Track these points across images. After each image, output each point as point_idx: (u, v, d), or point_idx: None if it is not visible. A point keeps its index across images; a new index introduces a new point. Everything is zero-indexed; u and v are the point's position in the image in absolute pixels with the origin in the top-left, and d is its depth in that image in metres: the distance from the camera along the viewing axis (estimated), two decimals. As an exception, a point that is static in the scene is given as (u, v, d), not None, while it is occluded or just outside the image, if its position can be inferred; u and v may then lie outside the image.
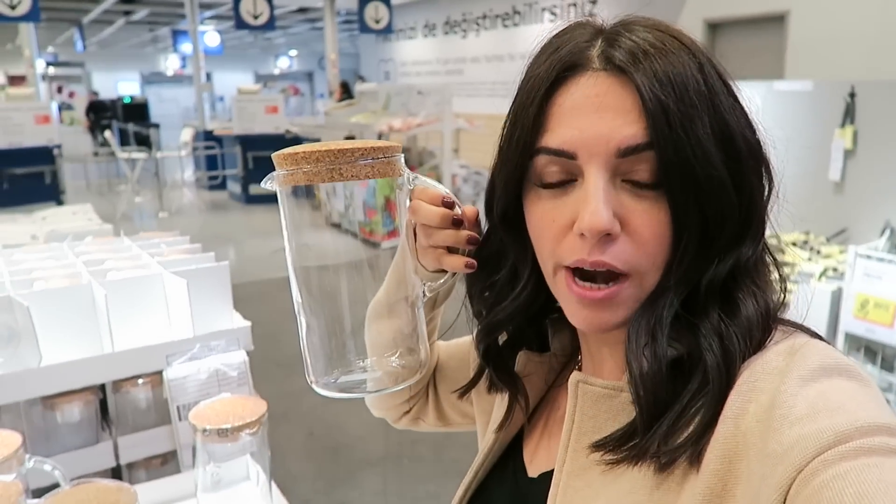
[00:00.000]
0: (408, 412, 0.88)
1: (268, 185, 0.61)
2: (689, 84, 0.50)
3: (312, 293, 0.65)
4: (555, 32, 0.57)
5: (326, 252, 0.66)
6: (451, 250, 0.66)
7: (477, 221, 0.66)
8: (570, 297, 0.55)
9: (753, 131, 0.54)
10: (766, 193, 0.55)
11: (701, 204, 0.51)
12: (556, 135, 0.52)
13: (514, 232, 0.61)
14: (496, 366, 0.69)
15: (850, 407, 0.43)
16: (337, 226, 7.34)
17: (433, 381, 0.87)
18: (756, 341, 0.51)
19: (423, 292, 0.69)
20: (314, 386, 0.64)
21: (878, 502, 0.36)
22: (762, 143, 0.54)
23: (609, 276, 0.53)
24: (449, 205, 0.64)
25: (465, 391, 0.73)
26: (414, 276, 0.68)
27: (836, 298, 2.95)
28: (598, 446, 0.55)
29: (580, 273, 0.54)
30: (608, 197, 0.51)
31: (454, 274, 0.69)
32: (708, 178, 0.50)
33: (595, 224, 0.50)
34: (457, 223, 0.64)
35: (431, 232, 0.65)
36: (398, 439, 2.84)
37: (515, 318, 0.66)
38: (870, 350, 2.85)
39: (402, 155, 0.62)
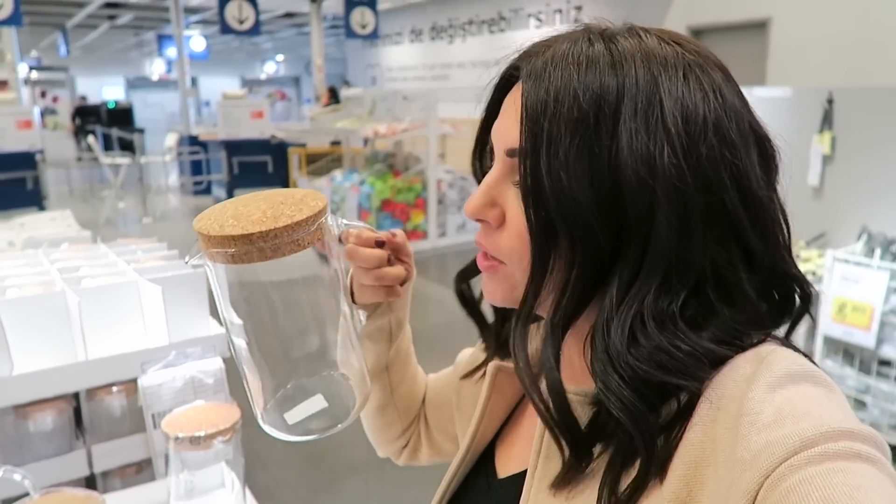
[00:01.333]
0: (406, 446, 0.90)
1: (194, 260, 0.61)
2: (573, 116, 0.50)
3: (261, 316, 0.65)
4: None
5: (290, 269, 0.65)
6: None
7: (404, 244, 0.75)
8: None
9: (672, 169, 0.49)
10: (701, 235, 0.50)
11: (558, 226, 0.51)
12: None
13: None
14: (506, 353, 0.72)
15: (815, 413, 0.44)
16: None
17: (424, 414, 0.89)
18: (707, 363, 0.49)
19: (361, 321, 0.76)
20: (262, 424, 0.65)
21: None
22: (709, 181, 0.49)
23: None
24: (381, 244, 0.71)
25: (472, 373, 0.77)
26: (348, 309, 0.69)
27: (815, 302, 2.98)
28: (554, 486, 0.56)
29: None
30: (490, 189, 0.57)
31: (389, 305, 0.78)
32: (561, 206, 0.50)
33: (466, 208, 0.57)
34: (390, 261, 0.72)
35: (368, 272, 0.71)
36: (381, 445, 2.82)
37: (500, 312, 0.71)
38: (848, 353, 2.89)
39: (328, 207, 0.62)
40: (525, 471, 0.61)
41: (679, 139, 0.49)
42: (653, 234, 0.50)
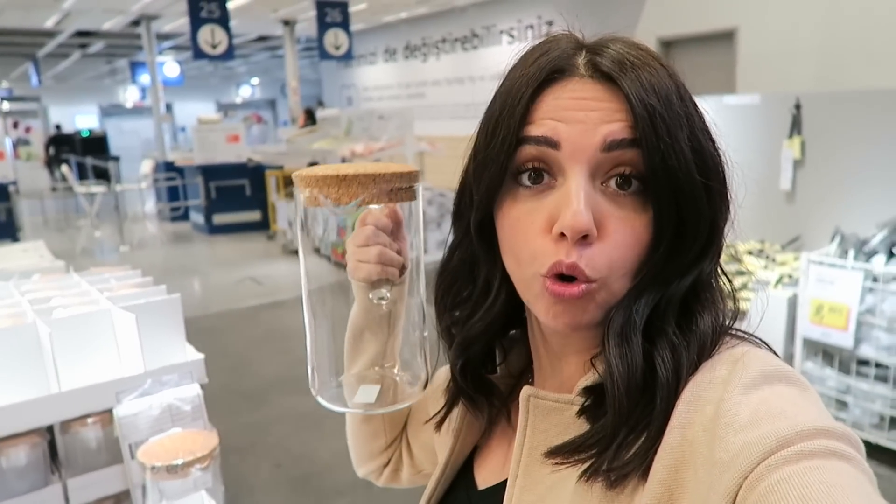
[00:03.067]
0: (387, 464, 0.88)
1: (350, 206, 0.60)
2: (671, 97, 0.52)
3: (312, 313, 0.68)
4: (537, 42, 0.58)
5: (317, 275, 0.68)
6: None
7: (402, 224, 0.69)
8: (545, 296, 0.54)
9: (720, 156, 0.55)
10: (724, 219, 0.56)
11: (680, 210, 0.52)
12: (542, 125, 0.52)
13: (486, 241, 0.60)
14: (475, 384, 0.67)
15: (790, 412, 0.44)
16: (317, 251, 7.28)
17: (405, 431, 0.87)
18: (706, 354, 0.52)
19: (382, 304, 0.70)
20: (318, 398, 0.66)
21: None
22: (726, 174, 0.55)
23: (581, 280, 0.53)
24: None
25: (440, 420, 0.72)
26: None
27: (793, 304, 3.02)
28: (552, 454, 0.55)
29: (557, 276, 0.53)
30: (588, 199, 0.51)
31: (393, 284, 0.69)
32: (690, 185, 0.51)
33: (576, 224, 0.50)
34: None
35: (369, 248, 0.65)
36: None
37: (492, 328, 0.64)
38: (827, 354, 2.91)
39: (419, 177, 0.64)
40: (504, 481, 0.61)
41: (713, 141, 0.55)
42: (715, 227, 0.55)
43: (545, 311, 0.54)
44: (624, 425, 0.51)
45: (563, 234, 0.51)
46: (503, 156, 0.54)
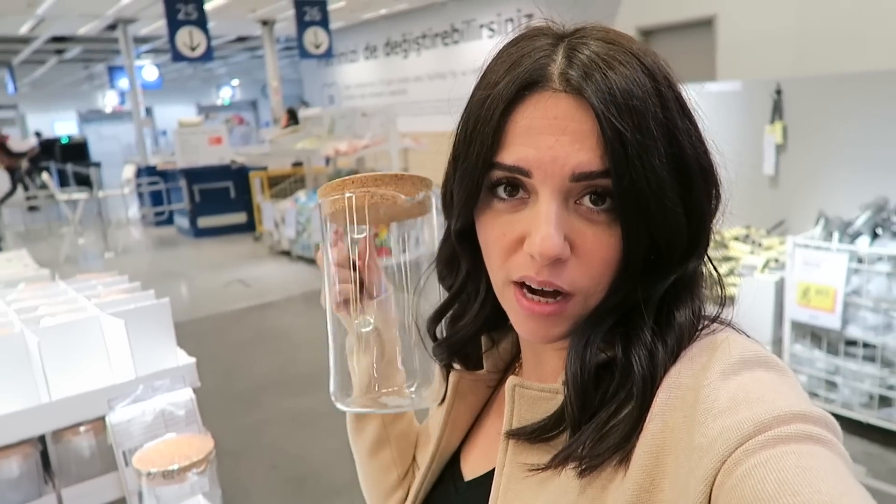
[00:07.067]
0: (406, 499, 0.86)
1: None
2: (647, 112, 0.49)
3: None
4: (512, 38, 0.56)
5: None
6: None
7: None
8: (517, 310, 0.55)
9: (706, 152, 0.54)
10: (714, 212, 0.56)
11: (651, 230, 0.51)
12: (513, 152, 0.51)
13: (470, 246, 0.61)
14: (465, 364, 0.71)
15: (768, 397, 0.45)
16: (286, 254, 7.24)
17: (416, 462, 0.85)
18: (685, 343, 0.53)
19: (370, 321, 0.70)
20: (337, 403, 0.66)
21: (797, 487, 0.38)
22: (713, 164, 0.55)
23: (556, 293, 0.53)
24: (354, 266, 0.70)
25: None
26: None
27: (780, 288, 3.04)
28: (515, 434, 0.57)
29: (528, 287, 0.54)
30: (560, 221, 0.51)
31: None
32: (661, 208, 0.51)
33: (546, 250, 0.50)
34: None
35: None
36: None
37: (481, 331, 0.68)
38: (815, 336, 2.94)
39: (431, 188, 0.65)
40: (489, 472, 0.62)
41: (699, 139, 0.54)
42: (700, 230, 0.55)
43: (519, 324, 0.57)
44: (586, 418, 0.53)
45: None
46: (478, 173, 0.54)
